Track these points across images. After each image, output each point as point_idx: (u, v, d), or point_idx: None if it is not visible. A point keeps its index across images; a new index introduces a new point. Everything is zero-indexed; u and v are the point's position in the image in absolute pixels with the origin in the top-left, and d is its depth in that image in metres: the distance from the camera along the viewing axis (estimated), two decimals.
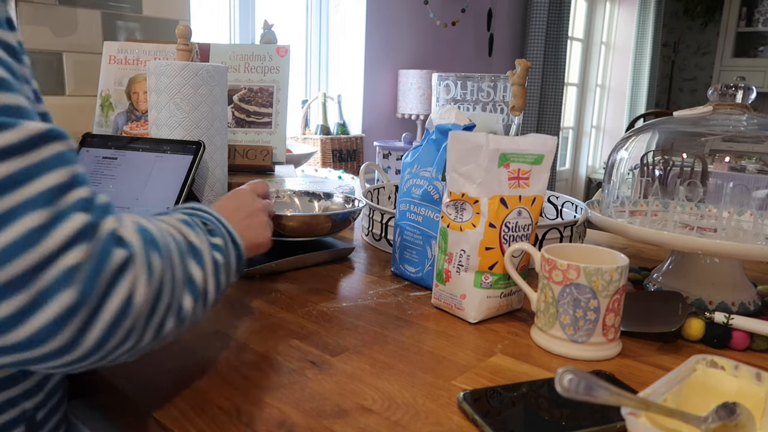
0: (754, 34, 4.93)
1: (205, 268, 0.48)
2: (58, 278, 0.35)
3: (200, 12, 2.36)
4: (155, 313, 0.41)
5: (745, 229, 0.69)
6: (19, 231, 0.34)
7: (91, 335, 0.37)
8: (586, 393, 0.40)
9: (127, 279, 0.38)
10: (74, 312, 0.35)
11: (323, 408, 0.49)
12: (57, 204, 0.35)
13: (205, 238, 0.50)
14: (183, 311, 0.45)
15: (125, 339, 0.39)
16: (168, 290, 0.42)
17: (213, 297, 0.50)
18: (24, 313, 0.34)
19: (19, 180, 0.34)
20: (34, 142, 0.36)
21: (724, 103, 0.75)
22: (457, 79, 0.99)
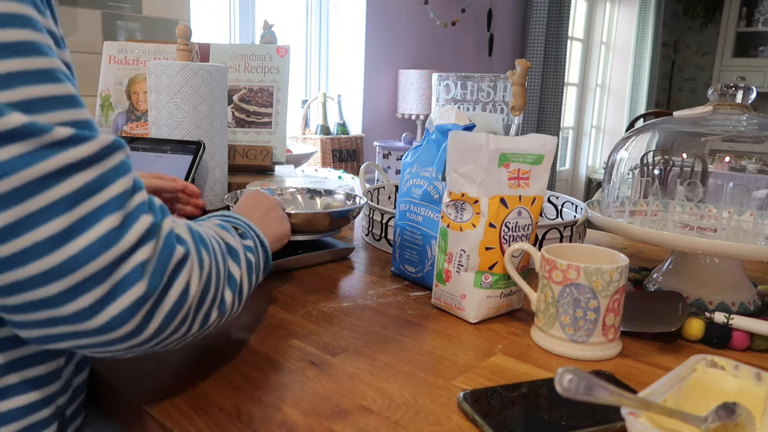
0: (754, 34, 4.93)
1: (241, 266, 0.53)
2: (132, 272, 0.39)
3: (200, 12, 2.36)
4: (203, 304, 0.46)
5: (745, 229, 0.69)
6: (99, 232, 0.38)
7: (153, 323, 0.41)
8: (586, 393, 0.40)
9: (185, 272, 0.43)
10: (144, 302, 0.40)
11: (323, 408, 0.49)
12: (126, 207, 0.40)
13: (239, 241, 0.55)
14: (225, 304, 0.49)
15: (179, 326, 0.44)
16: (214, 284, 0.47)
17: (247, 293, 0.55)
18: (102, 303, 0.38)
19: (96, 187, 0.39)
20: (106, 152, 0.40)
21: (724, 103, 0.75)
22: (457, 79, 0.99)
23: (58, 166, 0.37)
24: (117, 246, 0.38)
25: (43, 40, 0.39)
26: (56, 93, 0.39)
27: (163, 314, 0.42)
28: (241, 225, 0.60)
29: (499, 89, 0.97)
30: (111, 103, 1.34)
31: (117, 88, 1.34)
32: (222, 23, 2.47)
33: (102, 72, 1.34)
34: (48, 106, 0.38)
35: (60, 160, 0.37)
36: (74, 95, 0.40)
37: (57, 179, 0.37)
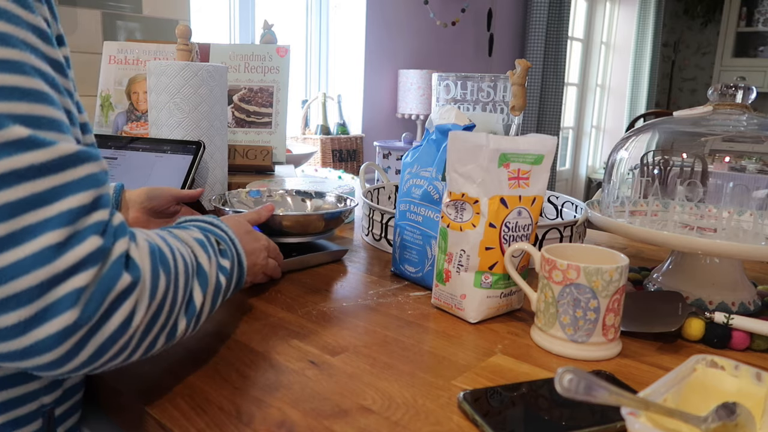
0: (754, 34, 4.93)
1: (207, 291, 0.50)
2: (64, 298, 0.36)
3: (200, 12, 2.36)
4: (149, 333, 0.43)
5: (745, 229, 0.69)
6: (35, 248, 0.35)
7: (85, 352, 0.38)
8: (586, 393, 0.40)
9: (128, 302, 0.40)
10: (73, 331, 0.37)
11: (323, 408, 0.49)
12: (75, 225, 0.37)
13: (215, 261, 0.53)
14: (176, 332, 0.47)
15: (117, 355, 0.41)
16: (166, 312, 0.44)
17: (206, 317, 0.52)
18: (26, 326, 0.35)
19: (44, 199, 0.36)
20: (64, 163, 0.37)
21: (724, 103, 0.75)
22: (457, 79, 0.99)
23: (4, 169, 0.34)
24: (52, 265, 0.35)
25: (13, 32, 0.37)
26: (18, 84, 0.36)
27: (97, 345, 0.39)
28: (224, 240, 0.57)
29: (499, 89, 0.97)
30: (111, 103, 1.34)
31: (117, 88, 1.34)
32: (222, 23, 2.47)
33: (102, 72, 1.34)
34: (4, 96, 0.35)
35: (7, 163, 0.34)
36: (42, 91, 0.38)
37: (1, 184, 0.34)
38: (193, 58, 1.13)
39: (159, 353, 0.57)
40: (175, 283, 0.45)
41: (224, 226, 0.58)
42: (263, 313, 0.68)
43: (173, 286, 0.44)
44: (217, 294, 0.53)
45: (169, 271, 0.44)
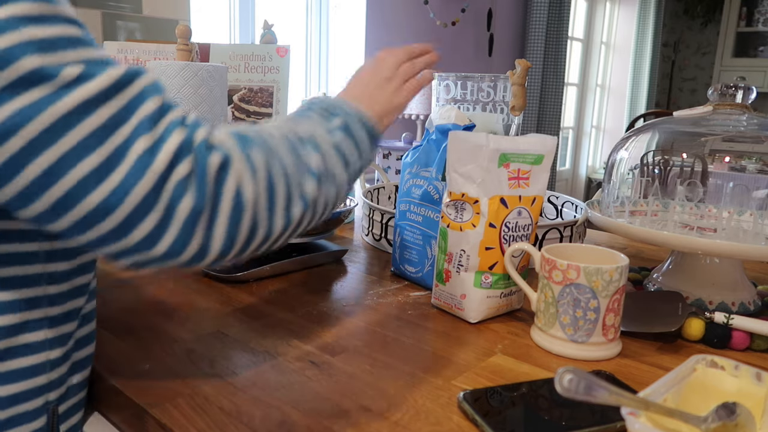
0: (754, 34, 4.93)
1: (322, 150, 0.51)
2: (176, 190, 0.40)
3: (200, 12, 2.36)
4: (275, 203, 0.45)
5: (745, 229, 0.69)
6: (132, 160, 0.38)
7: (216, 236, 0.42)
8: (586, 393, 0.40)
9: (230, 178, 0.42)
10: (197, 217, 0.41)
11: (323, 408, 0.49)
12: (155, 130, 0.40)
13: (320, 123, 0.53)
14: (307, 195, 0.48)
15: (252, 232, 0.44)
16: (281, 179, 0.46)
17: (343, 176, 0.53)
18: (159, 229, 0.40)
19: (120, 118, 0.39)
20: (121, 83, 0.39)
21: (724, 103, 0.75)
22: (457, 79, 0.99)
23: (76, 103, 0.37)
24: (152, 168, 0.39)
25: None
26: (64, 34, 0.38)
27: (224, 224, 0.42)
28: (327, 104, 0.57)
29: (499, 89, 0.97)
30: None
31: None
32: (222, 23, 2.47)
33: None
34: (57, 46, 0.38)
35: (76, 98, 0.37)
36: (81, 36, 0.40)
37: (79, 117, 0.37)
38: (193, 58, 1.13)
39: (159, 353, 0.57)
40: (275, 152, 0.47)
41: (325, 97, 0.59)
42: (263, 313, 0.68)
43: (274, 154, 0.46)
44: (340, 151, 0.53)
45: (259, 144, 0.46)
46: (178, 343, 0.60)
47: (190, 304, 0.71)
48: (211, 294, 0.74)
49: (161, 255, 0.41)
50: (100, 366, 0.55)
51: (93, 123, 0.38)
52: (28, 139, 0.36)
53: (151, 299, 0.71)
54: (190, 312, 0.68)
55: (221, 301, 0.72)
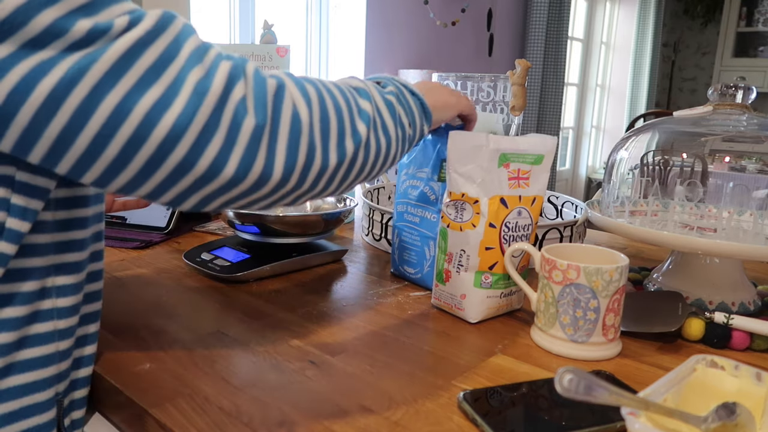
0: (754, 34, 4.93)
1: (374, 101, 0.53)
2: (236, 111, 0.42)
3: (200, 12, 2.36)
4: (329, 132, 0.48)
5: (745, 229, 0.69)
6: (190, 88, 0.40)
7: (278, 156, 0.44)
8: (586, 393, 0.40)
9: (286, 99, 0.45)
10: (259, 134, 0.43)
11: (323, 408, 0.49)
12: (204, 60, 0.42)
13: (372, 86, 0.55)
14: (358, 134, 0.50)
15: (310, 156, 0.46)
16: (333, 112, 0.48)
17: (395, 132, 0.55)
18: (225, 150, 0.42)
19: (171, 52, 0.41)
20: (163, 23, 0.41)
21: (724, 103, 0.75)
22: (457, 79, 0.99)
23: (127, 46, 0.39)
24: (210, 93, 0.41)
25: None
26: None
27: (285, 144, 0.44)
28: (382, 78, 0.59)
29: (499, 89, 0.97)
30: None
31: None
32: (222, 23, 2.47)
33: None
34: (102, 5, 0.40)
35: (127, 41, 0.39)
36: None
37: (132, 58, 0.39)
38: None
39: (159, 353, 0.57)
40: (328, 93, 0.49)
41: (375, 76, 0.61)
42: (263, 313, 0.68)
43: (327, 94, 0.49)
44: (391, 107, 0.55)
45: (313, 84, 0.49)
46: (178, 343, 0.60)
47: (190, 304, 0.71)
48: (211, 294, 0.74)
49: (229, 179, 0.43)
50: (100, 366, 0.55)
51: (147, 61, 0.40)
52: (92, 84, 0.38)
53: (151, 299, 0.71)
54: (190, 312, 0.68)
55: (221, 301, 0.72)
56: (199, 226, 1.05)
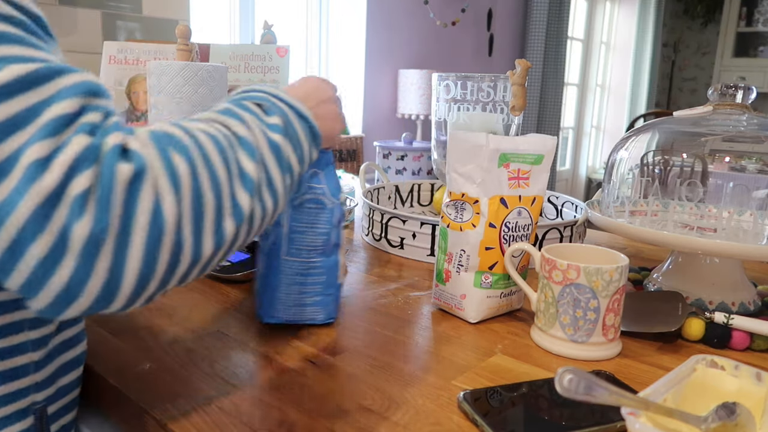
0: (754, 34, 4.93)
1: (259, 154, 0.44)
2: (71, 211, 0.32)
3: (200, 12, 2.36)
4: (203, 220, 0.38)
5: (745, 229, 0.69)
6: (20, 172, 0.32)
7: (129, 268, 0.34)
8: (586, 393, 0.40)
9: (144, 192, 0.35)
10: (97, 244, 0.33)
11: (323, 408, 0.49)
12: (62, 134, 0.33)
13: (256, 122, 0.45)
14: (240, 209, 0.41)
15: (175, 258, 0.37)
16: (210, 191, 0.39)
17: (281, 181, 0.46)
18: (51, 259, 0.32)
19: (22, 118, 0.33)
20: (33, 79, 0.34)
21: (724, 103, 0.75)
22: (457, 79, 0.99)
23: None
24: (39, 184, 0.31)
25: None
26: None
27: (140, 250, 0.34)
28: (265, 99, 0.48)
29: (499, 89, 0.97)
30: None
31: (117, 88, 1.34)
32: (222, 23, 2.47)
33: (102, 72, 1.34)
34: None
35: None
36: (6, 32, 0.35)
37: None
38: (193, 58, 1.13)
39: (159, 353, 0.57)
40: (203, 158, 0.39)
41: (262, 87, 0.51)
42: None
43: (202, 161, 0.39)
44: (278, 155, 0.45)
45: (185, 148, 0.38)
46: (178, 343, 0.60)
47: (190, 304, 0.71)
48: (211, 294, 0.74)
49: (58, 293, 0.33)
50: (100, 366, 0.55)
51: None
52: None
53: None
54: (190, 312, 0.68)
55: (221, 301, 0.72)
56: None
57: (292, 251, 0.61)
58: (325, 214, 0.61)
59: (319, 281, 0.63)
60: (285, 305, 0.62)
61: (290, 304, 0.63)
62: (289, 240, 0.60)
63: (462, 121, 1.00)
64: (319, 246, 0.61)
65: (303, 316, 0.63)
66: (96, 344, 0.59)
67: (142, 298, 0.37)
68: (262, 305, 0.63)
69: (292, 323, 0.64)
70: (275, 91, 0.50)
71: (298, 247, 0.61)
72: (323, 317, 0.64)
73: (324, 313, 0.64)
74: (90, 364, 0.55)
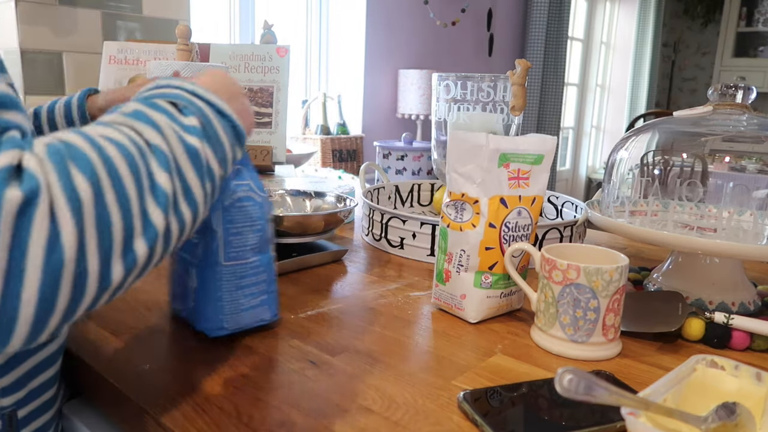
0: (754, 34, 4.93)
1: (173, 163, 0.39)
2: None
3: (200, 12, 2.36)
4: (110, 244, 0.34)
5: (745, 229, 0.69)
6: None
7: (24, 303, 0.31)
8: (586, 393, 0.40)
9: (36, 221, 0.30)
10: None
11: (323, 408, 0.49)
12: None
13: (170, 125, 0.40)
14: (153, 227, 0.37)
15: (79, 288, 0.33)
16: (117, 211, 0.34)
17: (201, 188, 0.41)
18: None
19: None
20: None
21: (724, 103, 0.75)
22: (457, 79, 0.99)
23: None
24: None
25: None
26: None
27: (34, 286, 0.31)
28: (180, 97, 0.43)
29: (499, 89, 0.97)
30: None
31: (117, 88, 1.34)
32: (222, 23, 2.47)
33: (102, 72, 1.34)
34: None
35: None
36: None
37: None
38: (193, 58, 1.13)
39: (159, 353, 0.57)
40: (109, 176, 0.34)
41: (177, 82, 0.45)
42: None
43: (108, 180, 0.34)
44: (196, 161, 0.41)
45: (89, 163, 0.34)
46: (178, 344, 0.60)
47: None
48: None
49: None
50: (100, 366, 0.55)
51: None
52: None
53: (151, 299, 0.71)
54: None
55: None
56: None
57: (230, 255, 0.57)
58: (258, 209, 0.59)
59: (261, 280, 0.60)
60: (231, 313, 0.59)
61: (237, 311, 0.59)
62: (226, 244, 0.57)
63: (462, 121, 1.00)
64: (257, 244, 0.59)
65: (252, 320, 0.61)
66: (96, 344, 0.59)
67: (44, 334, 0.33)
68: (204, 319, 0.59)
69: (242, 330, 0.61)
70: (191, 86, 0.45)
71: (236, 250, 0.58)
72: (270, 316, 0.62)
73: (270, 312, 0.62)
74: (90, 364, 0.55)
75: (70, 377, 0.59)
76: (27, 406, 0.49)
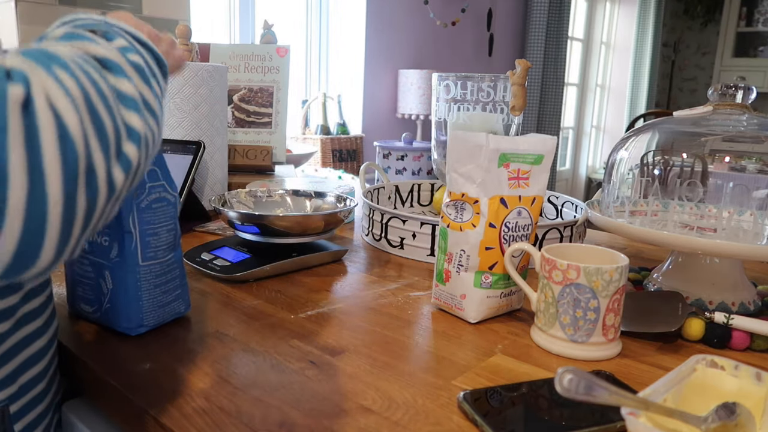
0: (754, 34, 4.93)
1: (127, 73, 0.38)
2: None
3: (200, 12, 2.36)
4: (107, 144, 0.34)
5: (745, 229, 0.69)
6: None
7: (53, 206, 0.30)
8: (586, 393, 0.40)
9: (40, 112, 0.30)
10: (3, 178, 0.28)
11: (323, 408, 0.49)
12: None
13: (106, 44, 0.39)
14: (135, 131, 0.36)
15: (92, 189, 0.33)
16: (104, 112, 0.34)
17: (157, 104, 0.41)
18: None
19: None
20: None
21: (724, 103, 0.75)
22: (457, 79, 0.99)
23: None
24: None
25: None
26: None
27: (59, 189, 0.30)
28: (97, 25, 0.42)
29: (499, 89, 0.97)
30: None
31: None
32: (222, 23, 2.47)
33: None
34: None
35: None
36: None
37: None
38: (193, 58, 1.13)
39: (159, 353, 0.57)
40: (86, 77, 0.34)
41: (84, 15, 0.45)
42: (263, 313, 0.68)
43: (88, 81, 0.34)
44: (144, 76, 0.40)
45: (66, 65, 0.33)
46: (178, 343, 0.60)
47: (191, 303, 0.71)
48: (211, 294, 0.74)
49: None
50: (100, 366, 0.55)
51: None
52: None
53: None
54: (190, 312, 0.68)
55: (221, 301, 0.72)
56: (200, 226, 1.05)
57: (148, 255, 0.59)
58: (171, 209, 0.61)
59: (176, 276, 0.63)
60: (151, 311, 0.61)
61: (155, 308, 0.62)
62: (143, 245, 0.59)
63: (462, 121, 1.00)
64: (171, 242, 0.62)
65: (170, 314, 0.64)
66: (96, 344, 0.59)
67: (68, 248, 0.33)
68: (125, 319, 0.60)
69: (161, 325, 0.63)
70: (104, 18, 0.44)
71: (153, 250, 0.60)
72: (184, 308, 0.65)
73: (185, 304, 0.65)
74: (90, 364, 0.55)
75: (70, 377, 0.59)
76: (19, 401, 0.49)
